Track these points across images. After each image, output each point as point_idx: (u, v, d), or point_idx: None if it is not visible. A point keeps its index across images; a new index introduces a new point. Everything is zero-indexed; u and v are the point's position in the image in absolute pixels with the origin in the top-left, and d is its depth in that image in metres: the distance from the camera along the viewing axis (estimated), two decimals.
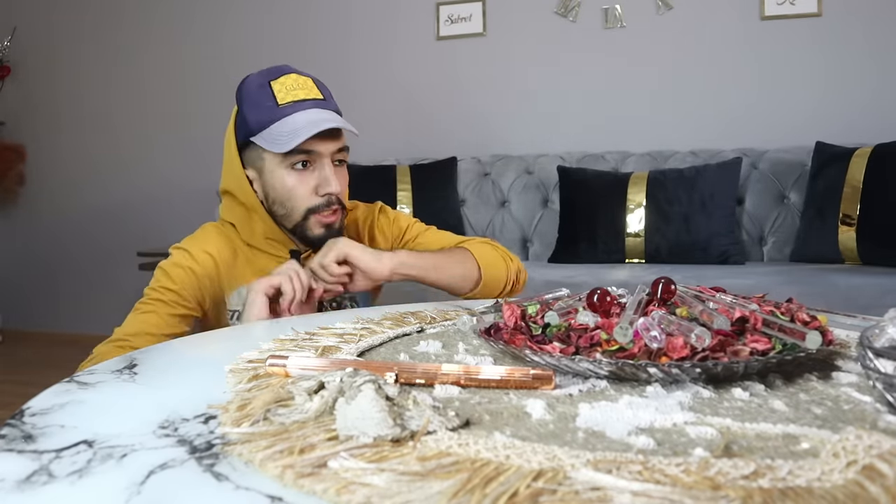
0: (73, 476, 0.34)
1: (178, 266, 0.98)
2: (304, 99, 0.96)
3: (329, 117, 0.95)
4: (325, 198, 0.97)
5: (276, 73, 0.98)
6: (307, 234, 0.99)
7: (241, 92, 1.00)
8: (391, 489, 0.31)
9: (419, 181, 2.55)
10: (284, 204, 0.98)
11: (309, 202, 0.97)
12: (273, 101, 0.95)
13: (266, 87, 0.96)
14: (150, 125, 3.39)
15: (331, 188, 0.96)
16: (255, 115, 0.96)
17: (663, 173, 2.31)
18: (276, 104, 0.95)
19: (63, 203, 3.55)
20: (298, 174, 0.96)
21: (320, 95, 0.98)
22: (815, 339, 0.48)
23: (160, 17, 3.34)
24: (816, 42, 2.52)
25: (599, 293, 0.61)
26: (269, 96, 0.95)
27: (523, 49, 2.84)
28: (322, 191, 0.96)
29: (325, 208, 0.97)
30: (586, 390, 0.48)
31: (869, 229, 2.02)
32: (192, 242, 1.02)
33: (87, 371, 0.56)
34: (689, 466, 0.33)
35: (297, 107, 0.95)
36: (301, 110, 0.94)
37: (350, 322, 0.76)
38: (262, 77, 0.98)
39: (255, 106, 0.96)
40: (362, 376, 0.42)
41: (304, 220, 0.98)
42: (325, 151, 0.96)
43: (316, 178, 0.96)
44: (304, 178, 0.96)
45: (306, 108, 0.95)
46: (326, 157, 0.96)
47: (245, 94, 0.98)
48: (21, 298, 3.67)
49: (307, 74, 1.01)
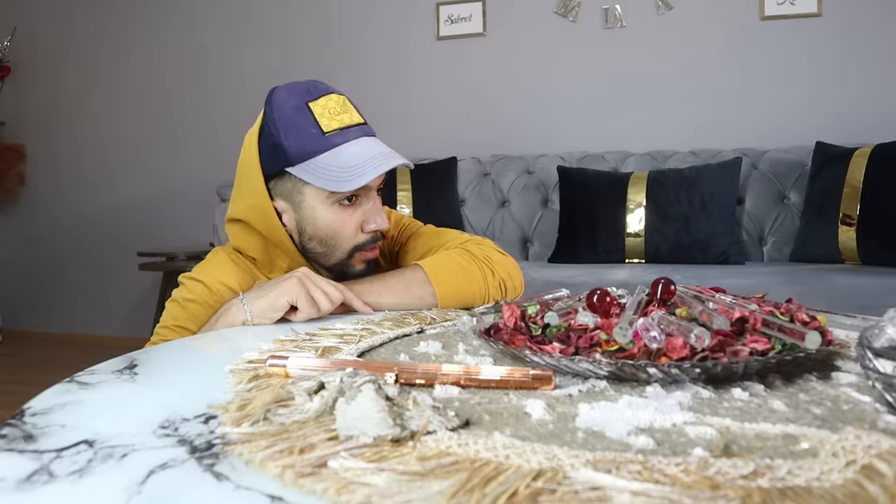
0: (74, 476, 0.34)
1: (190, 301, 0.87)
2: (349, 125, 0.86)
3: (386, 151, 0.86)
4: (371, 234, 0.90)
5: (314, 93, 0.86)
6: (348, 272, 0.91)
7: (272, 113, 0.86)
8: (391, 489, 0.31)
9: (419, 181, 2.55)
10: (326, 242, 0.89)
11: (355, 240, 0.89)
12: (317, 129, 0.84)
13: (304, 111, 0.84)
14: (149, 125, 3.39)
15: (381, 225, 0.89)
16: (297, 142, 0.84)
17: (663, 173, 2.31)
18: (322, 132, 0.84)
19: (63, 203, 3.56)
20: (344, 210, 0.87)
21: (362, 119, 0.89)
22: (814, 340, 0.48)
23: (160, 17, 3.34)
24: (816, 42, 2.52)
25: (599, 293, 0.61)
26: (310, 122, 0.84)
27: (523, 49, 2.84)
28: (369, 227, 0.89)
29: (370, 244, 0.90)
30: (586, 390, 0.48)
31: (869, 229, 2.02)
32: (206, 272, 0.90)
33: (88, 371, 0.56)
34: (688, 466, 0.33)
35: (345, 136, 0.85)
36: (349, 140, 0.85)
37: (350, 323, 0.76)
38: (296, 97, 0.86)
39: (296, 132, 0.84)
40: (362, 376, 0.42)
41: (348, 258, 0.90)
42: (373, 186, 0.88)
43: (361, 214, 0.88)
44: (351, 214, 0.88)
45: (354, 137, 0.85)
46: (373, 192, 0.89)
47: (279, 117, 0.85)
48: (21, 298, 3.67)
49: (339, 92, 0.90)
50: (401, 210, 2.50)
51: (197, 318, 0.86)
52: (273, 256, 0.92)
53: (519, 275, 0.99)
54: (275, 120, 0.85)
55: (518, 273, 0.98)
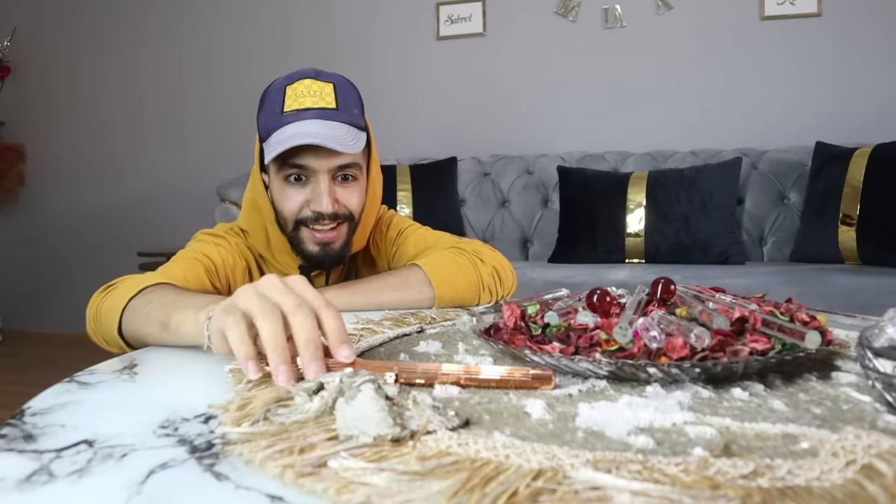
0: (74, 476, 0.34)
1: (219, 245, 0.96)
2: (310, 108, 0.90)
3: (321, 131, 0.88)
4: (313, 213, 0.92)
5: (295, 77, 0.93)
6: (301, 249, 0.95)
7: (263, 94, 0.96)
8: (391, 489, 0.31)
9: (419, 181, 2.55)
10: (280, 212, 0.95)
11: (298, 214, 0.93)
12: (280, 108, 0.91)
13: (281, 92, 0.92)
14: (149, 125, 3.39)
15: (320, 207, 0.91)
16: (264, 120, 0.93)
17: (663, 173, 2.31)
18: (281, 111, 0.90)
19: (63, 203, 3.56)
20: (292, 187, 0.92)
21: (333, 105, 0.91)
22: (814, 339, 0.48)
23: (160, 17, 3.34)
24: (816, 42, 2.52)
25: (599, 293, 0.61)
26: (279, 102, 0.91)
27: (523, 49, 2.84)
28: (312, 207, 0.92)
29: (314, 222, 0.93)
30: (586, 390, 0.48)
31: (869, 229, 2.02)
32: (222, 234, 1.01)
33: (88, 371, 0.56)
34: (688, 466, 0.33)
35: (298, 116, 0.89)
36: (298, 120, 0.89)
37: (350, 322, 0.76)
38: (285, 80, 0.94)
39: (266, 111, 0.93)
40: (362, 376, 0.42)
41: (294, 230, 0.94)
42: (318, 168, 0.90)
43: (309, 193, 0.92)
44: (297, 192, 0.92)
45: (305, 117, 0.89)
46: (322, 174, 0.91)
47: (264, 98, 0.95)
48: (21, 298, 3.67)
49: (330, 80, 0.93)
50: (401, 210, 2.50)
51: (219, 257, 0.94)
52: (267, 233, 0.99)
53: (509, 267, 1.03)
54: (263, 101, 0.95)
55: (508, 266, 1.03)
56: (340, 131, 0.89)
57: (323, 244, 0.94)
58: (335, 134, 0.88)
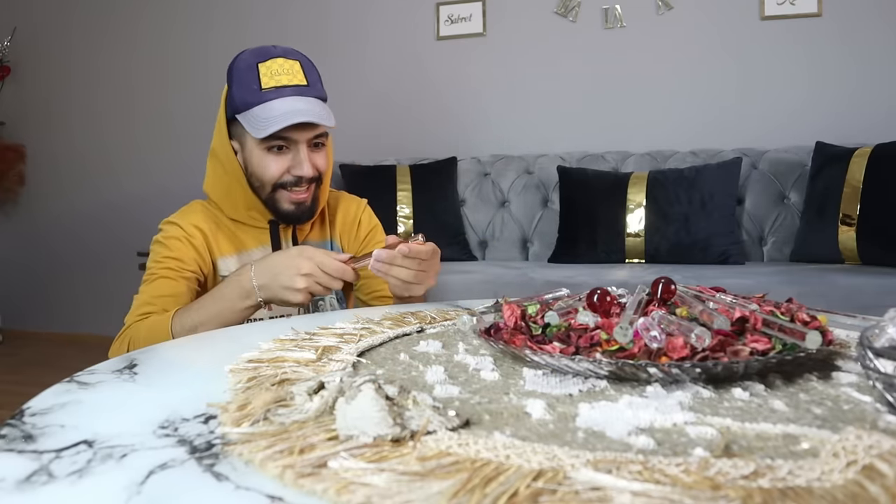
0: (73, 476, 0.34)
1: (172, 238, 1.05)
2: (287, 85, 1.00)
3: (306, 107, 0.99)
4: (294, 177, 1.03)
5: (265, 55, 1.02)
6: (277, 208, 1.06)
7: (231, 69, 1.04)
8: (391, 489, 0.31)
9: (419, 181, 2.55)
10: (259, 178, 1.04)
11: (279, 179, 1.03)
12: (258, 85, 0.99)
13: (254, 69, 1.00)
14: (150, 125, 3.39)
15: (302, 172, 1.03)
16: (241, 95, 1.01)
17: (663, 173, 2.31)
18: (260, 88, 0.99)
19: (63, 203, 3.55)
20: (274, 156, 1.02)
21: (304, 81, 1.02)
22: (814, 339, 0.48)
23: (160, 16, 3.34)
24: (816, 42, 2.52)
25: (599, 293, 0.61)
26: (254, 79, 1.00)
27: (523, 49, 2.84)
28: (294, 172, 1.03)
29: (293, 186, 1.04)
30: (586, 390, 0.48)
31: (869, 229, 2.02)
32: (181, 217, 1.08)
33: (88, 371, 0.56)
34: (688, 466, 0.33)
35: (279, 93, 0.99)
36: (281, 97, 0.99)
37: (350, 322, 0.76)
38: (253, 57, 1.02)
39: (242, 86, 1.01)
40: (361, 376, 0.42)
41: (273, 192, 1.04)
42: (300, 139, 1.01)
43: (290, 160, 1.03)
44: (280, 160, 1.02)
45: (287, 95, 0.99)
46: (302, 144, 1.02)
47: (234, 72, 1.03)
48: (21, 299, 3.67)
49: (296, 57, 1.04)
50: (401, 210, 2.50)
51: (177, 251, 1.03)
52: (234, 192, 1.07)
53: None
54: (232, 75, 1.03)
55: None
56: (317, 107, 1.01)
57: (297, 203, 1.06)
58: (315, 109, 1.00)
